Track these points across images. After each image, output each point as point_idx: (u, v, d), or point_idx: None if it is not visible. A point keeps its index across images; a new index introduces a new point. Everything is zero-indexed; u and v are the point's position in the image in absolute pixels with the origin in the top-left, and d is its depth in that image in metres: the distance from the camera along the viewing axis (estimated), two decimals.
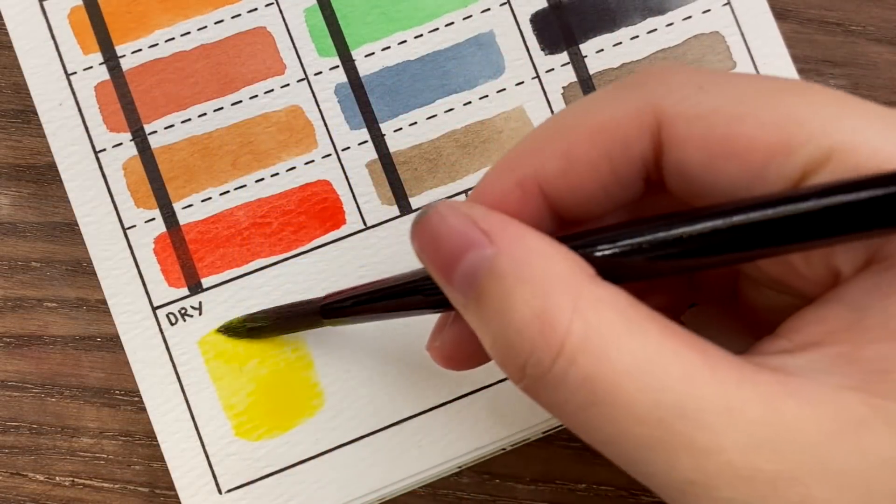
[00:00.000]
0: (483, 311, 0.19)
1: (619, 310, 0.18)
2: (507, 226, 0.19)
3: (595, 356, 0.18)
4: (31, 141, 0.32)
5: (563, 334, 0.18)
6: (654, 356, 0.18)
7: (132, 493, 0.31)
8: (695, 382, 0.17)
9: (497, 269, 0.19)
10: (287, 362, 0.29)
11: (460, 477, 0.31)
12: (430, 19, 0.30)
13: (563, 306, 0.18)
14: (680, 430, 0.17)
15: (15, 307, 0.31)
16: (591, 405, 0.18)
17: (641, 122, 0.20)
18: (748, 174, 0.19)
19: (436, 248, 0.20)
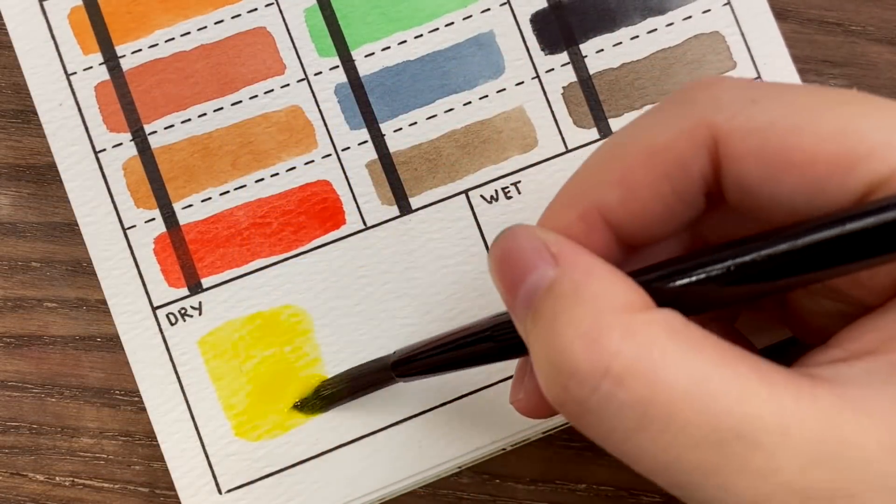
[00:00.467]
0: (536, 330, 0.19)
1: (672, 331, 0.18)
2: (575, 251, 0.19)
3: (647, 378, 0.17)
4: (31, 141, 0.32)
5: (610, 355, 0.17)
6: (710, 377, 0.17)
7: (132, 493, 0.31)
8: (752, 403, 0.17)
9: (555, 288, 0.19)
10: (287, 362, 0.29)
11: (460, 477, 0.31)
12: (430, 19, 0.30)
13: (612, 327, 0.18)
14: (737, 453, 0.17)
15: (15, 307, 0.31)
16: (641, 429, 0.17)
17: (696, 140, 0.19)
18: (810, 187, 0.18)
19: (506, 266, 0.20)
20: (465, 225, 0.30)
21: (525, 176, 0.30)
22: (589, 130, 0.30)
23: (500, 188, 0.30)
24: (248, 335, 0.29)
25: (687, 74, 0.30)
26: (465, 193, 0.30)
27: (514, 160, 0.30)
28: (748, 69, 0.30)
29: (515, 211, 0.29)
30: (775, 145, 0.19)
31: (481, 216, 0.30)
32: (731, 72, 0.30)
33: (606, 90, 0.30)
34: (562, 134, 0.30)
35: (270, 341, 0.29)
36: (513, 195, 0.30)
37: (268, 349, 0.29)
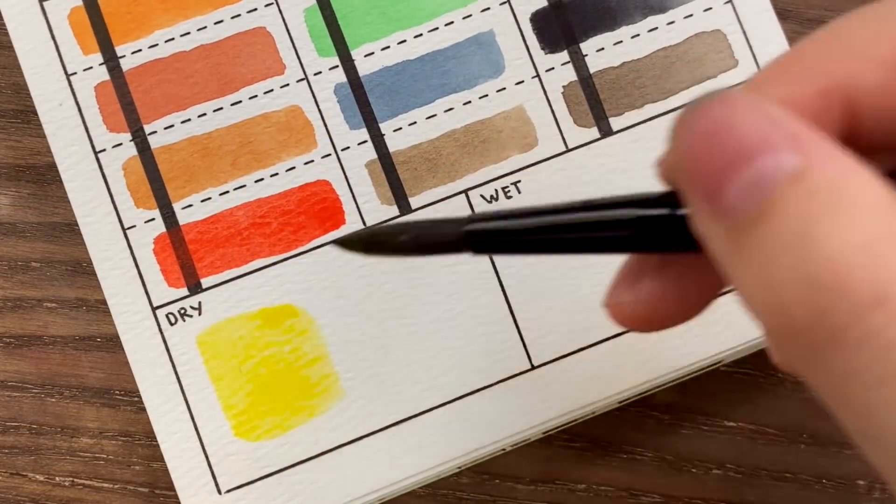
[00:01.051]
0: (770, 230, 0.14)
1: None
2: (819, 137, 0.15)
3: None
4: (31, 141, 0.32)
5: (890, 276, 0.13)
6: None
7: (132, 494, 0.31)
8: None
9: (808, 181, 0.14)
10: (286, 362, 0.29)
11: (460, 477, 0.31)
12: (429, 19, 0.30)
13: (891, 241, 0.13)
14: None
15: (15, 307, 0.31)
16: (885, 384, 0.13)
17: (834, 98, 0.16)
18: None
19: (714, 144, 0.15)
20: None
21: (525, 175, 0.30)
22: (589, 129, 0.30)
23: (500, 188, 0.30)
24: (247, 335, 0.29)
25: (688, 73, 0.30)
26: (464, 193, 0.30)
27: (514, 160, 0.30)
28: (750, 68, 0.30)
29: None
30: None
31: None
32: (732, 71, 0.30)
33: (607, 89, 0.30)
34: (562, 133, 0.30)
35: (270, 341, 0.29)
36: (513, 195, 0.30)
37: (267, 349, 0.29)
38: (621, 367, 0.29)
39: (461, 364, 0.29)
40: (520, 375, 0.29)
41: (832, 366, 0.14)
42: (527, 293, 0.29)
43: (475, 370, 0.29)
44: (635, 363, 0.29)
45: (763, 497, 0.30)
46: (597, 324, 0.29)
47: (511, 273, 0.29)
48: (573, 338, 0.29)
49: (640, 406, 0.31)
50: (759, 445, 0.31)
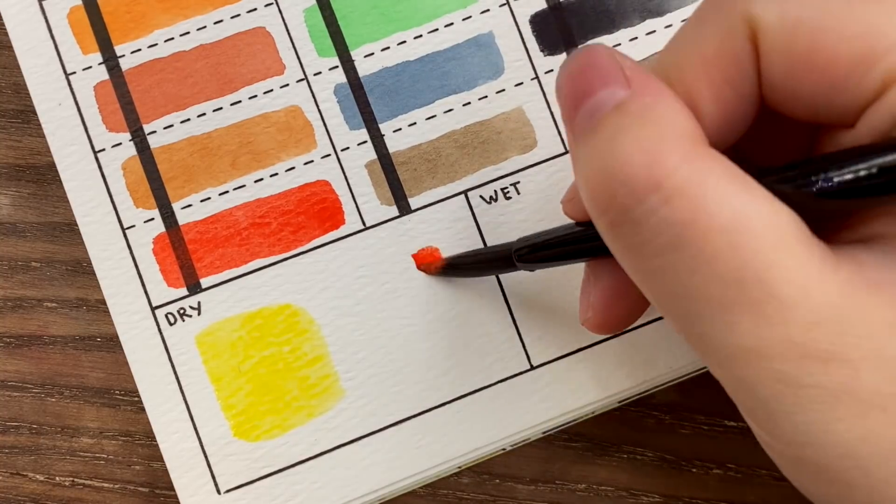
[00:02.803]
0: (593, 142, 0.19)
1: (729, 169, 0.18)
2: (649, 79, 0.19)
3: (693, 202, 0.18)
4: (31, 141, 0.32)
5: (666, 171, 0.18)
6: (751, 218, 0.18)
7: (132, 493, 0.31)
8: (783, 253, 0.18)
9: (623, 107, 0.19)
10: (286, 362, 0.29)
11: (460, 477, 0.31)
12: (429, 20, 0.30)
13: (675, 150, 0.18)
14: (754, 296, 0.18)
15: (15, 307, 0.31)
16: (674, 249, 0.18)
17: (741, 36, 0.20)
18: (829, 86, 0.19)
19: (576, 79, 0.20)
20: (464, 225, 0.30)
21: (524, 176, 0.30)
22: None
23: (500, 188, 0.30)
24: (246, 335, 0.29)
25: None
26: (464, 194, 0.30)
27: (513, 161, 0.30)
28: None
29: (515, 211, 0.29)
30: (801, 44, 0.19)
31: (480, 217, 0.30)
32: None
33: None
34: (561, 135, 0.30)
35: (269, 341, 0.29)
36: (512, 196, 0.30)
37: (267, 349, 0.29)
38: (621, 367, 0.29)
39: (461, 364, 0.29)
40: (519, 375, 0.29)
41: (625, 240, 0.19)
42: (526, 293, 0.29)
43: (475, 370, 0.29)
44: (635, 363, 0.29)
45: (763, 497, 0.30)
46: None
47: (510, 274, 0.29)
48: (573, 338, 0.29)
49: (640, 406, 0.31)
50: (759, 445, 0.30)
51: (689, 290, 0.18)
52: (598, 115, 0.19)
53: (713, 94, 0.20)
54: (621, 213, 0.19)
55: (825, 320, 0.18)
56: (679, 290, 0.19)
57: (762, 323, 0.18)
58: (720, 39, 0.20)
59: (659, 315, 0.29)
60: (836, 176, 0.18)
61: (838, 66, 0.19)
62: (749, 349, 0.18)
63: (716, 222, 0.18)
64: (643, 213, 0.18)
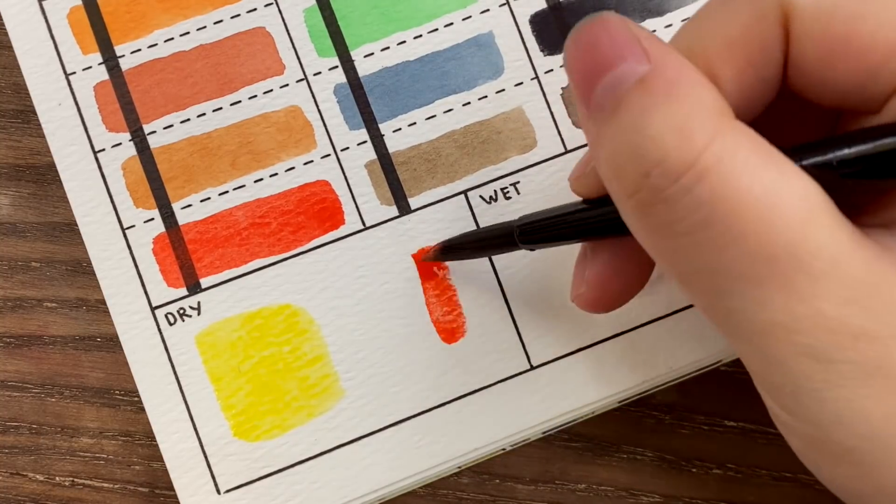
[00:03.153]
0: (617, 122, 0.19)
1: (757, 144, 0.18)
2: (668, 52, 0.19)
3: (725, 179, 0.17)
4: (31, 141, 0.32)
5: (700, 148, 0.17)
6: (782, 193, 0.17)
7: (132, 493, 0.31)
8: (814, 228, 0.17)
9: (647, 83, 0.18)
10: (285, 362, 0.29)
11: (460, 477, 0.31)
12: (429, 20, 0.30)
13: (705, 126, 0.18)
14: (784, 271, 0.18)
15: (15, 307, 0.31)
16: (706, 227, 0.18)
17: (771, 20, 0.19)
18: (864, 74, 0.19)
19: (589, 54, 0.19)
20: (464, 225, 0.30)
21: (524, 176, 0.30)
22: None
23: (500, 188, 0.30)
24: (246, 335, 0.29)
25: None
26: (464, 194, 0.30)
27: (513, 161, 0.30)
28: None
29: (514, 212, 0.29)
30: (837, 31, 0.19)
31: (480, 217, 0.30)
32: None
33: None
34: (561, 135, 0.30)
35: (269, 341, 0.29)
36: (512, 196, 0.30)
37: (266, 349, 0.29)
38: (621, 367, 0.29)
39: (461, 364, 0.29)
40: (519, 375, 0.29)
41: (655, 219, 0.18)
42: (526, 293, 0.29)
43: (475, 370, 0.29)
44: (635, 363, 0.29)
45: (763, 497, 0.30)
46: (596, 324, 0.29)
47: (510, 273, 0.29)
48: (572, 338, 0.29)
49: (640, 406, 0.31)
50: (759, 445, 0.31)
51: (719, 267, 0.18)
52: (620, 92, 0.19)
53: (735, 74, 0.20)
54: (654, 193, 0.18)
55: (856, 296, 0.18)
56: (708, 267, 0.18)
57: (793, 298, 0.18)
58: (749, 21, 0.20)
59: (659, 315, 0.29)
60: (860, 152, 0.18)
61: (875, 52, 0.18)
62: (780, 324, 0.18)
63: (746, 198, 0.17)
64: (676, 191, 0.18)
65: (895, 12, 0.18)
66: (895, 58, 0.18)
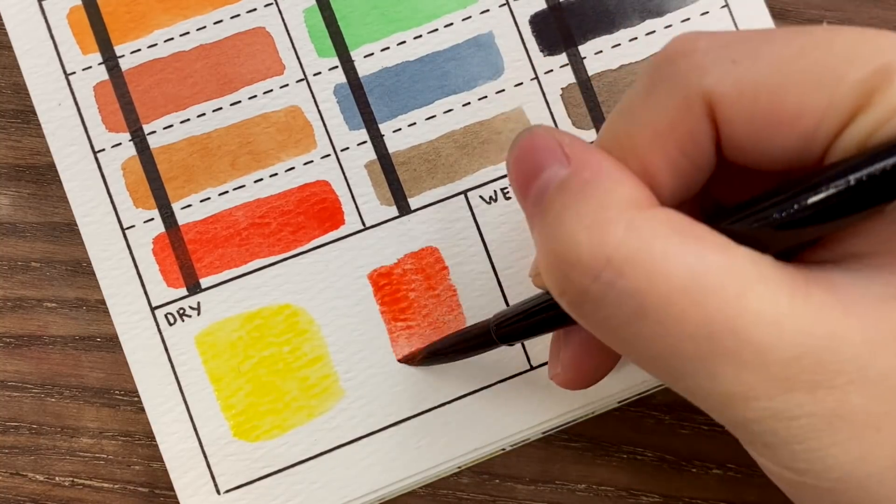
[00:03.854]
0: (543, 223, 0.20)
1: (674, 226, 0.18)
2: (588, 152, 0.20)
3: (646, 269, 0.18)
4: (31, 141, 0.32)
5: (612, 246, 0.18)
6: (708, 272, 0.18)
7: (132, 494, 0.31)
8: (748, 299, 0.18)
9: (564, 185, 0.19)
10: (285, 362, 0.29)
11: (460, 477, 0.31)
12: (429, 20, 0.30)
13: (616, 220, 0.18)
14: (728, 346, 0.18)
15: (15, 307, 0.31)
16: (638, 318, 0.18)
17: (696, 111, 0.20)
18: (799, 140, 0.19)
19: (521, 164, 0.21)
20: (463, 226, 0.30)
21: None
22: (588, 131, 0.30)
23: (499, 189, 0.30)
24: (246, 335, 0.29)
25: None
26: (463, 194, 0.30)
27: None
28: None
29: (514, 212, 0.29)
30: (763, 107, 0.19)
31: (480, 217, 0.30)
32: None
33: (605, 91, 0.30)
34: None
35: (269, 341, 0.29)
36: (512, 196, 0.30)
37: (266, 349, 0.29)
38: (622, 367, 0.29)
39: (461, 364, 0.29)
40: (519, 375, 0.29)
41: (589, 317, 0.19)
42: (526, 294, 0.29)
43: (475, 370, 0.29)
44: None
45: (763, 497, 0.30)
46: None
47: (510, 274, 0.29)
48: None
49: (640, 406, 0.31)
50: None
51: (664, 352, 0.18)
52: (545, 195, 0.20)
53: (667, 163, 0.20)
54: (579, 294, 0.19)
55: (804, 352, 0.18)
56: (654, 354, 0.19)
57: (742, 369, 0.18)
58: (674, 114, 0.20)
59: None
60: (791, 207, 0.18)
61: (805, 119, 0.19)
62: (735, 394, 0.18)
63: (673, 283, 0.18)
64: (599, 289, 0.18)
65: (813, 76, 0.18)
66: (826, 119, 0.18)
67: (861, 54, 0.18)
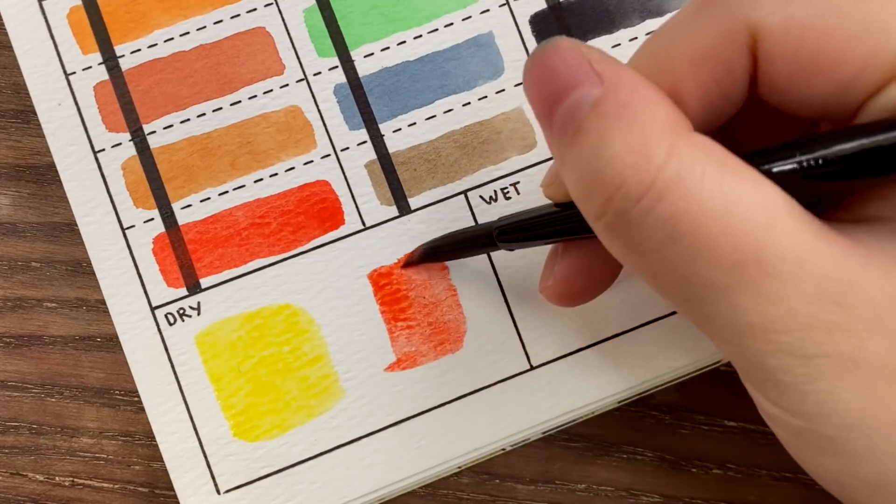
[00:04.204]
0: (578, 147, 0.19)
1: (713, 155, 0.18)
2: (620, 71, 0.19)
3: (684, 194, 0.18)
4: (31, 141, 0.32)
5: (656, 169, 0.18)
6: (741, 202, 0.18)
7: (132, 494, 0.31)
8: (776, 232, 0.18)
9: (601, 107, 0.19)
10: (285, 362, 0.29)
11: (460, 477, 0.31)
12: (429, 20, 0.30)
13: (660, 145, 0.18)
14: (752, 276, 0.18)
15: (15, 307, 0.31)
16: (672, 242, 0.18)
17: (738, 41, 0.20)
18: (839, 87, 0.19)
19: (546, 81, 0.20)
20: (463, 225, 0.30)
21: (524, 177, 0.30)
22: None
23: (499, 189, 0.30)
24: (246, 335, 0.29)
25: None
26: (464, 194, 0.30)
27: (513, 161, 0.30)
28: None
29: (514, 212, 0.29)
30: (808, 48, 0.19)
31: (480, 217, 0.30)
32: None
33: None
34: None
35: (269, 341, 0.29)
36: (512, 196, 0.30)
37: (266, 349, 0.29)
38: (621, 367, 0.29)
39: (461, 364, 0.29)
40: (519, 375, 0.29)
41: (624, 239, 0.19)
42: (525, 293, 0.29)
43: (475, 370, 0.29)
44: (635, 363, 0.29)
45: (763, 497, 0.30)
46: (595, 324, 0.29)
47: (510, 273, 0.29)
48: (572, 338, 0.29)
49: (640, 406, 0.31)
50: (759, 445, 0.31)
51: (690, 279, 0.19)
52: (577, 118, 0.19)
53: (698, 89, 0.20)
54: (618, 216, 0.19)
55: (827, 292, 0.18)
56: (680, 279, 0.19)
57: (763, 301, 0.18)
58: (715, 41, 0.20)
59: (659, 315, 0.29)
60: (820, 156, 0.18)
61: (846, 67, 0.19)
62: (755, 325, 0.18)
63: (707, 210, 0.18)
64: (639, 212, 0.18)
65: (863, 25, 0.19)
66: (866, 70, 0.19)
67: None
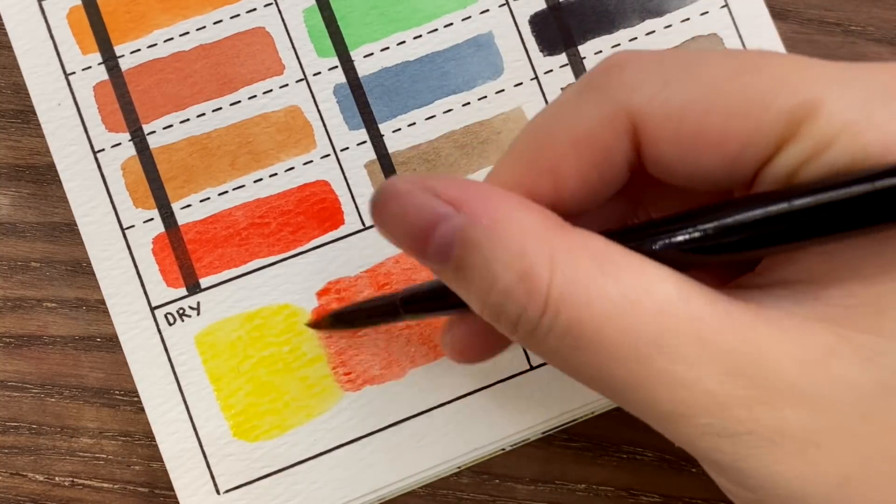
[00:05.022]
0: (466, 280, 0.19)
1: (592, 255, 0.19)
2: (472, 192, 0.19)
3: (576, 305, 0.18)
4: (31, 141, 0.32)
5: (545, 290, 0.18)
6: (629, 296, 0.18)
7: (132, 494, 0.31)
8: (669, 316, 0.18)
9: (470, 238, 0.19)
10: (285, 362, 0.29)
11: (460, 477, 0.31)
12: (429, 20, 0.30)
13: (541, 263, 0.18)
14: (659, 366, 0.18)
15: (15, 307, 0.31)
16: (577, 350, 0.19)
17: (617, 127, 0.20)
18: (724, 163, 0.19)
19: (403, 229, 0.20)
20: None
21: None
22: None
23: None
24: (246, 335, 0.29)
25: None
26: None
27: None
28: None
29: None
30: (690, 129, 0.19)
31: None
32: None
33: None
34: None
35: (269, 341, 0.29)
36: None
37: (266, 349, 0.29)
38: None
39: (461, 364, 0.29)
40: (519, 376, 0.29)
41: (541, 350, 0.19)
42: None
43: (474, 370, 0.29)
44: None
45: None
46: None
47: None
48: None
49: None
50: None
51: (605, 379, 0.19)
52: (451, 255, 0.19)
53: (578, 174, 0.20)
54: (527, 336, 0.19)
55: (733, 367, 0.18)
56: (597, 380, 0.19)
57: (677, 388, 0.18)
58: (595, 125, 0.20)
59: None
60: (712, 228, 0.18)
61: (730, 144, 0.19)
62: (674, 412, 0.18)
63: (599, 313, 0.18)
64: (542, 330, 0.19)
65: (740, 101, 0.18)
66: (750, 144, 0.19)
67: (790, 84, 0.18)
